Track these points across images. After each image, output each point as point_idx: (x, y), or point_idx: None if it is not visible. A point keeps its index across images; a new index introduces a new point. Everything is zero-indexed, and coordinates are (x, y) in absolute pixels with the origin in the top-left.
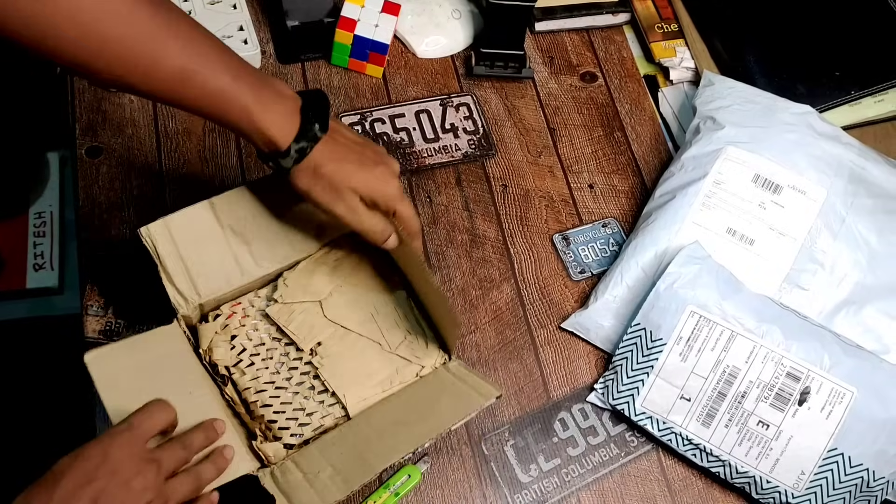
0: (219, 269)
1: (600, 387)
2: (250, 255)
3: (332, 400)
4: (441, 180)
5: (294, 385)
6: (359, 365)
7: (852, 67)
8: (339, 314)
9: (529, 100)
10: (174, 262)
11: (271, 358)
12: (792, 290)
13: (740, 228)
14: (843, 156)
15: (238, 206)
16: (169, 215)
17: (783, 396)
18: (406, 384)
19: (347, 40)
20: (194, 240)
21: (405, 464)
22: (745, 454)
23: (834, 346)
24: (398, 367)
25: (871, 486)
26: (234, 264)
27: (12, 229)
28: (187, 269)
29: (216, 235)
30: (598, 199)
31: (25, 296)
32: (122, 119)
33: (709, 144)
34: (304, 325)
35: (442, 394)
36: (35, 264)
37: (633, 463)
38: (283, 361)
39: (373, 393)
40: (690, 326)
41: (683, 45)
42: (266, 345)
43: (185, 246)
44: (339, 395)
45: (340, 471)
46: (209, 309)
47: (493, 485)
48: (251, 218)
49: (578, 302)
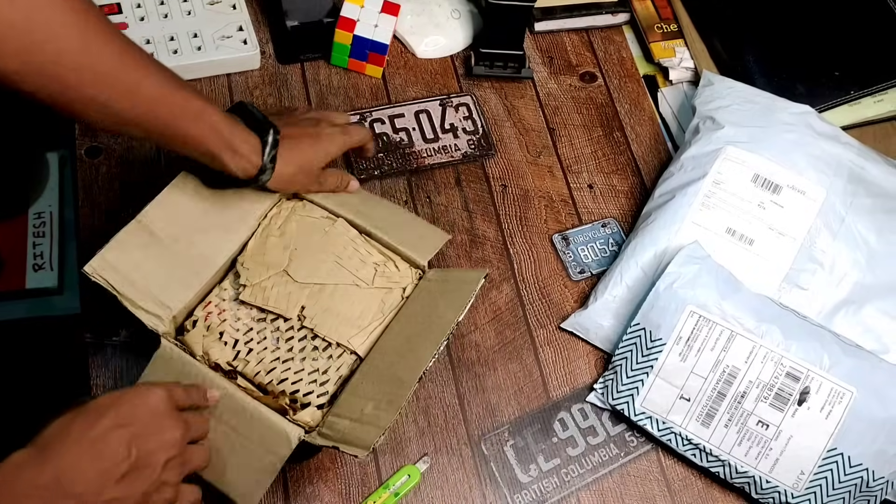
0: (175, 279)
1: (600, 387)
2: (198, 254)
3: (338, 351)
4: (440, 180)
5: (298, 353)
6: (347, 310)
7: (852, 67)
8: (307, 274)
9: (529, 100)
10: (131, 288)
11: (265, 338)
12: (791, 290)
13: (740, 228)
14: (843, 155)
15: (166, 213)
16: (104, 247)
17: (783, 396)
18: (397, 307)
19: (347, 40)
20: (139, 260)
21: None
22: (744, 454)
23: (833, 345)
24: (382, 297)
25: (870, 485)
26: (187, 269)
27: (12, 229)
28: (147, 288)
29: (158, 249)
30: (597, 199)
31: (25, 296)
32: None
33: (708, 144)
34: (280, 296)
35: (435, 299)
36: (34, 264)
37: (633, 463)
38: (278, 336)
39: (372, 327)
40: (690, 326)
41: (683, 45)
42: (254, 328)
43: (133, 270)
44: (343, 343)
45: (381, 399)
46: (182, 319)
47: (492, 485)
48: (183, 219)
49: (578, 302)
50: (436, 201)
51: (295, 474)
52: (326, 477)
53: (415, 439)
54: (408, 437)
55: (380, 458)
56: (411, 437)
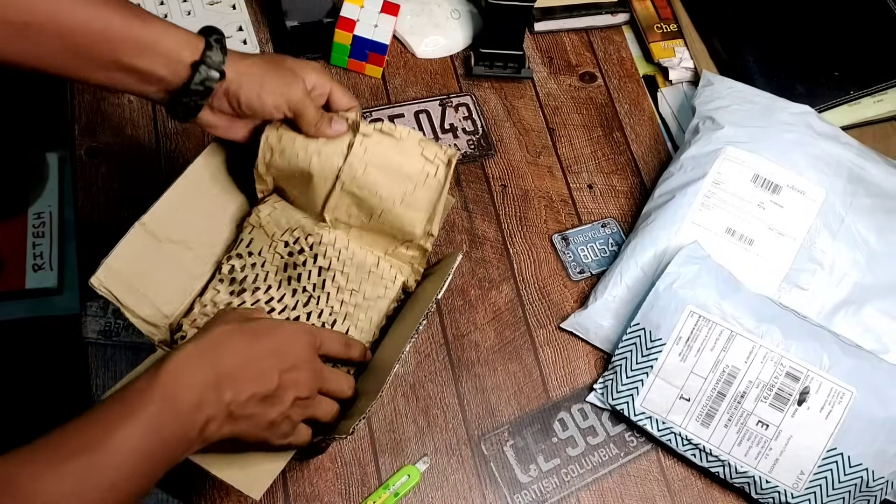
0: (174, 285)
1: (600, 387)
2: (196, 257)
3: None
4: None
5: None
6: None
7: (851, 67)
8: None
9: (529, 100)
10: (133, 297)
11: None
12: (791, 290)
13: (739, 228)
14: (843, 155)
15: (168, 215)
16: (109, 255)
17: (782, 396)
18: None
19: (346, 41)
20: (141, 267)
21: (404, 465)
22: (744, 454)
23: (833, 345)
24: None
25: (870, 485)
26: (185, 273)
27: (11, 230)
28: (147, 296)
29: (160, 253)
30: (597, 200)
31: (24, 296)
32: (121, 119)
33: (708, 144)
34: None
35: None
36: (34, 265)
37: (633, 463)
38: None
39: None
40: (690, 326)
41: (682, 45)
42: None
43: (136, 277)
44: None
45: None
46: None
47: (492, 485)
48: (184, 220)
49: (578, 302)
50: None
51: (295, 474)
52: (326, 477)
53: (415, 439)
54: (408, 437)
55: (380, 459)
56: (411, 437)
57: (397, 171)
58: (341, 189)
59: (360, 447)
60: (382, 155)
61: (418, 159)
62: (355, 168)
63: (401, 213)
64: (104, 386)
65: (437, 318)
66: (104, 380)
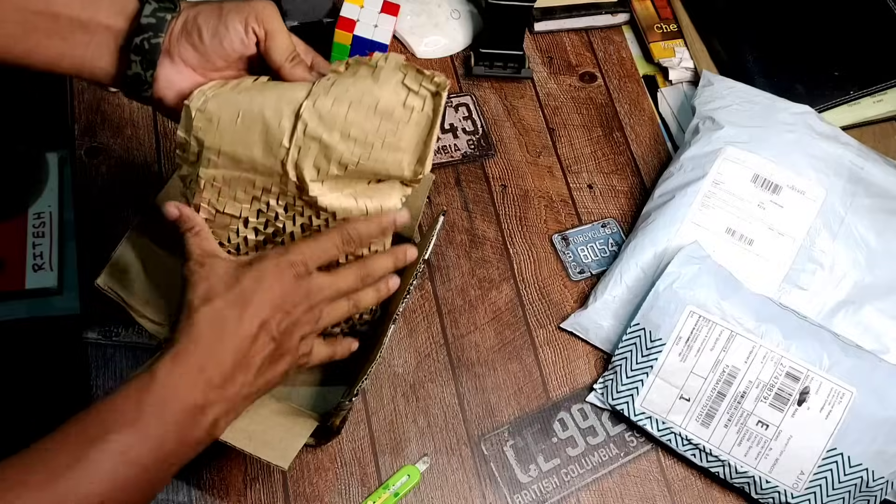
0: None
1: (600, 387)
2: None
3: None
4: (440, 180)
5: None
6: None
7: (851, 67)
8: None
9: (528, 100)
10: (136, 298)
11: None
12: (791, 290)
13: (739, 228)
14: (843, 156)
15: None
16: (112, 257)
17: (782, 396)
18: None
19: (346, 40)
20: (143, 267)
21: (404, 464)
22: (744, 454)
23: (833, 345)
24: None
25: (870, 485)
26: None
27: (11, 230)
28: (150, 296)
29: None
30: (597, 200)
31: (24, 296)
32: (121, 120)
33: (708, 144)
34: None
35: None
36: (34, 265)
37: (633, 463)
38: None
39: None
40: (690, 326)
41: (682, 45)
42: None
43: (137, 278)
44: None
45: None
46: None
47: (492, 485)
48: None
49: (578, 302)
50: (435, 201)
51: (295, 474)
52: (326, 477)
53: (414, 439)
54: (407, 437)
55: (379, 459)
56: (411, 437)
57: (374, 106)
58: (304, 133)
59: (360, 447)
60: (355, 87)
61: (400, 90)
62: (321, 105)
63: (383, 157)
64: (104, 386)
65: (436, 319)
66: (104, 380)
